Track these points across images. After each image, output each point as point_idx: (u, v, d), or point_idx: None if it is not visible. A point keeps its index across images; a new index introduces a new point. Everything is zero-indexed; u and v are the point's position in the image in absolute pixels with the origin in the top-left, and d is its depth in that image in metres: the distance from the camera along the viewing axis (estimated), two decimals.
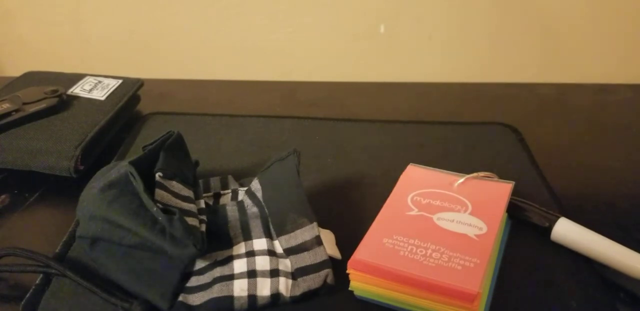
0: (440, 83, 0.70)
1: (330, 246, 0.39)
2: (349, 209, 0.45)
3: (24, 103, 0.52)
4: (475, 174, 0.42)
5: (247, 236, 0.39)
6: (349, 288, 0.36)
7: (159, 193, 0.38)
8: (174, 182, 0.40)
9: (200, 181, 0.44)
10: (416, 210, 0.39)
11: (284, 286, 0.36)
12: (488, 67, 0.74)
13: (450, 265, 0.34)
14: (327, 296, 0.37)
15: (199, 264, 0.38)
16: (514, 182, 0.42)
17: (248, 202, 0.42)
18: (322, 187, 0.48)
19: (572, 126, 0.60)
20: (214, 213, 0.42)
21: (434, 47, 0.73)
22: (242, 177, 0.47)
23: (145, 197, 0.36)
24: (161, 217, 0.35)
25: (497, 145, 0.54)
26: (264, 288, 0.36)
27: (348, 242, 0.38)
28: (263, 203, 0.41)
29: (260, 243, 0.39)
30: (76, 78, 0.60)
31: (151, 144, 0.42)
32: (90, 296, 0.36)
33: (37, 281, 0.38)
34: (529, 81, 0.71)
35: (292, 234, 0.38)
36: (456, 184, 0.41)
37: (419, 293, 0.34)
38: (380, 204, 0.40)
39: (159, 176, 0.39)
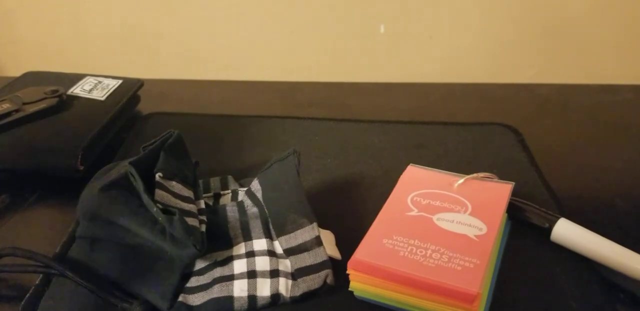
0: (440, 84, 0.70)
1: (330, 247, 0.39)
2: (349, 209, 0.45)
3: (24, 103, 0.52)
4: (475, 175, 0.42)
5: (247, 237, 0.39)
6: (349, 289, 0.36)
7: (159, 193, 0.38)
8: (174, 182, 0.40)
9: (200, 181, 0.44)
10: (416, 210, 0.39)
11: (284, 286, 0.36)
12: (488, 67, 0.74)
13: (450, 266, 0.34)
14: (327, 297, 0.37)
15: (199, 264, 0.38)
16: (513, 183, 0.42)
17: (248, 202, 0.42)
18: (322, 187, 0.48)
19: (572, 126, 0.60)
20: (214, 213, 0.42)
21: (434, 47, 0.73)
22: (242, 177, 0.47)
23: (145, 197, 0.36)
24: (161, 217, 0.35)
25: (497, 145, 0.54)
26: (264, 289, 0.36)
27: (348, 242, 0.38)
28: (263, 204, 0.41)
29: (260, 244, 0.39)
30: (76, 78, 0.60)
31: (151, 144, 0.41)
32: (90, 296, 0.36)
33: (37, 282, 0.38)
34: (529, 81, 0.71)
35: (292, 234, 0.38)
36: (456, 185, 0.41)
37: (419, 294, 0.34)
38: (380, 204, 0.40)
39: (159, 176, 0.39)
